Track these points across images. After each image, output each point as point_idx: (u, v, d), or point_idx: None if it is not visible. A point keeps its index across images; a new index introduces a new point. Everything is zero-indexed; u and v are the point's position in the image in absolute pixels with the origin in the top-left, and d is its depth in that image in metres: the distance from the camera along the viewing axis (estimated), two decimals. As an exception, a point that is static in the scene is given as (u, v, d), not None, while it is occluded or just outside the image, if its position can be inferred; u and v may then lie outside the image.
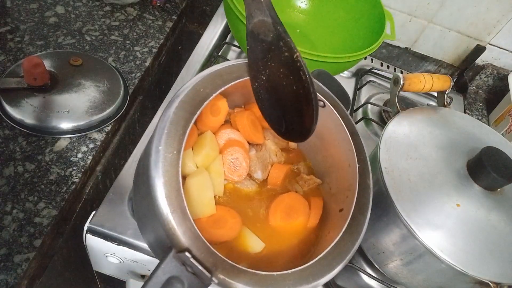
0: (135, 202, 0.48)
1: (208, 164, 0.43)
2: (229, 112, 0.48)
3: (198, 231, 0.32)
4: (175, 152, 0.33)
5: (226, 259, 0.32)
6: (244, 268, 0.32)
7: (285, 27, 0.41)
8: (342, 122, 0.44)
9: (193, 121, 0.35)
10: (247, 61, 0.41)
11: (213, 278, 0.30)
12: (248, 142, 0.49)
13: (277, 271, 0.34)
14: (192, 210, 0.34)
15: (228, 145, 0.46)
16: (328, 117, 0.45)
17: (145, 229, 0.45)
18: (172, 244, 0.31)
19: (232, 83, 0.39)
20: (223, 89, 0.38)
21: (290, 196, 0.46)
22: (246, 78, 0.40)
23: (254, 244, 0.42)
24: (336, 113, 0.44)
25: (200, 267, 0.30)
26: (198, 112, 0.35)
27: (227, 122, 0.48)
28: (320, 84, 0.45)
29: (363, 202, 0.40)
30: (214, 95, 0.37)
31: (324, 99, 0.44)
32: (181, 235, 0.31)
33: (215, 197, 0.43)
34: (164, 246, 0.32)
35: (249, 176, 0.47)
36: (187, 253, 0.30)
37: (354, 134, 0.44)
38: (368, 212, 0.40)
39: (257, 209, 0.46)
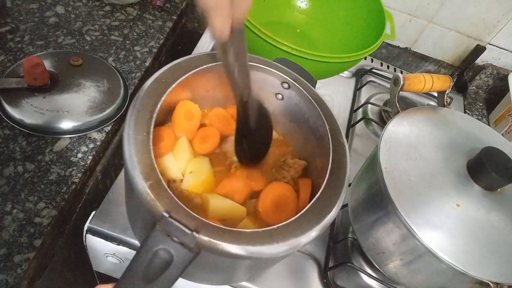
0: (126, 202, 0.49)
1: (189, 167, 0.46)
2: (204, 116, 0.51)
3: (176, 198, 0.33)
4: (144, 134, 0.36)
5: (208, 221, 0.33)
6: (228, 228, 0.33)
7: (285, 27, 0.44)
8: (306, 93, 0.46)
9: (158, 106, 0.38)
10: (205, 54, 0.45)
11: (195, 234, 0.30)
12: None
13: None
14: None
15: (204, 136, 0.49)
16: (295, 96, 0.48)
17: (135, 224, 0.46)
18: (154, 216, 0.32)
19: (191, 72, 0.42)
20: (183, 77, 0.42)
21: (274, 187, 0.46)
22: (203, 67, 0.44)
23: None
24: (300, 87, 0.47)
25: (181, 226, 0.30)
26: (162, 99, 0.39)
27: (204, 126, 0.51)
28: (283, 67, 0.48)
29: (340, 158, 0.42)
30: (176, 82, 0.41)
31: (288, 79, 0.47)
32: (160, 205, 0.32)
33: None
34: (150, 227, 0.33)
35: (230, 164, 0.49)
36: (164, 213, 0.30)
37: (319, 102, 0.46)
38: (347, 166, 0.41)
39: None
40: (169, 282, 0.30)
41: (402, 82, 0.58)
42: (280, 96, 0.50)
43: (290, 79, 0.47)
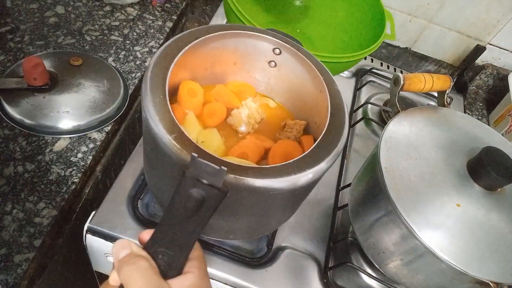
0: (148, 169, 0.51)
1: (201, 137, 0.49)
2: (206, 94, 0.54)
3: (201, 147, 0.36)
4: (161, 96, 0.39)
5: (232, 161, 0.36)
6: (250, 165, 0.37)
7: (285, 27, 0.48)
8: (299, 52, 0.49)
9: (169, 73, 0.42)
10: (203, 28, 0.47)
11: (223, 168, 0.32)
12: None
13: None
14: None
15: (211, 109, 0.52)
16: (289, 60, 0.50)
17: (160, 186, 0.47)
18: (182, 163, 0.35)
19: (193, 43, 0.45)
20: (187, 48, 0.44)
21: (281, 144, 0.49)
22: (203, 38, 0.46)
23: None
24: (292, 48, 0.49)
25: (211, 164, 0.32)
26: (171, 67, 0.42)
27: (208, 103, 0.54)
28: (273, 33, 0.50)
29: (337, 103, 0.45)
30: (182, 52, 0.44)
31: (280, 42, 0.49)
32: (187, 154, 0.35)
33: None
34: (178, 177, 0.35)
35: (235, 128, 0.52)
36: (193, 154, 0.32)
37: (311, 59, 0.49)
38: (344, 109, 0.45)
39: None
40: (204, 220, 0.33)
41: (402, 82, 0.58)
42: (273, 63, 0.52)
43: (281, 43, 0.49)
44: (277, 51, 0.50)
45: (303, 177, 0.38)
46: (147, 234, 0.35)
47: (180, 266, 0.34)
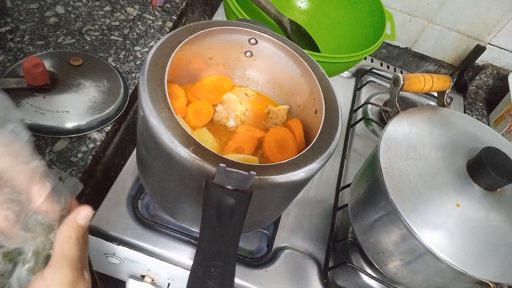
0: (147, 183, 0.50)
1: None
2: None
3: (221, 154, 0.36)
4: (166, 110, 0.37)
5: (254, 164, 0.37)
6: (270, 164, 0.37)
7: None
8: (275, 39, 0.49)
9: (165, 82, 0.40)
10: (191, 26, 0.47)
11: (252, 173, 0.33)
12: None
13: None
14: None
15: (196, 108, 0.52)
16: (265, 48, 0.51)
17: (168, 198, 0.47)
18: (206, 176, 0.35)
19: (191, 37, 0.45)
20: (181, 44, 0.44)
21: (273, 132, 0.50)
22: (189, 37, 0.45)
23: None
24: (268, 36, 0.49)
25: (240, 171, 0.32)
26: (166, 76, 0.40)
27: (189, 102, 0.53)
28: (248, 24, 0.50)
29: (326, 86, 0.47)
30: (176, 49, 0.43)
31: (256, 32, 0.49)
32: (209, 164, 0.35)
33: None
34: (200, 190, 0.35)
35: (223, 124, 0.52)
36: (221, 164, 0.32)
37: (290, 45, 0.49)
38: (334, 92, 0.46)
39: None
40: (240, 223, 0.34)
41: (402, 82, 0.58)
42: (249, 53, 0.52)
43: (257, 32, 0.49)
44: (253, 41, 0.50)
45: (317, 164, 0.40)
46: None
47: (233, 275, 0.33)
